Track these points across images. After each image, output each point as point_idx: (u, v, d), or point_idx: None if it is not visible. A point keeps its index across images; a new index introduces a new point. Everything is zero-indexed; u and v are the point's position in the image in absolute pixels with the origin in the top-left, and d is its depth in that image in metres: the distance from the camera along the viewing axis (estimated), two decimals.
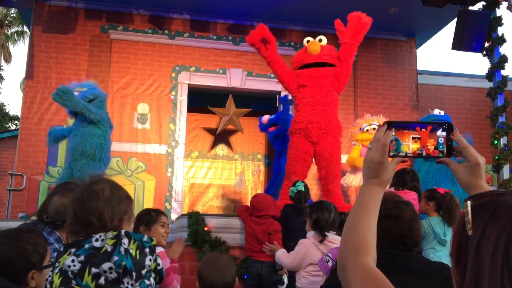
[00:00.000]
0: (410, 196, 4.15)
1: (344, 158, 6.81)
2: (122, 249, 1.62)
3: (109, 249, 1.61)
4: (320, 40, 5.91)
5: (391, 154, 1.20)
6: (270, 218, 5.03)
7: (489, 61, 8.07)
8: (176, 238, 3.71)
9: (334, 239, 3.66)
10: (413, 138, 1.21)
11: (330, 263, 2.73)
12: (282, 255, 4.18)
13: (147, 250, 1.69)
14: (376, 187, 1.18)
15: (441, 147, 1.21)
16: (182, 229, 5.73)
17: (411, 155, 1.21)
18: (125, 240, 1.65)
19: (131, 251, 1.64)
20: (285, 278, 4.76)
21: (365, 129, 7.66)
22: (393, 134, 1.20)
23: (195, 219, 5.56)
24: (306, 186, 5.21)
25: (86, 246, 1.64)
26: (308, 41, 5.95)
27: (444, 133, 1.22)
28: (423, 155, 1.21)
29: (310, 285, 3.73)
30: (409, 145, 1.20)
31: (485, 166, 1.24)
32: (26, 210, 8.00)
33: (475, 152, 1.23)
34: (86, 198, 1.71)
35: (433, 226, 4.22)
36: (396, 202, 1.97)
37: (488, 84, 8.20)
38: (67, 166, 6.21)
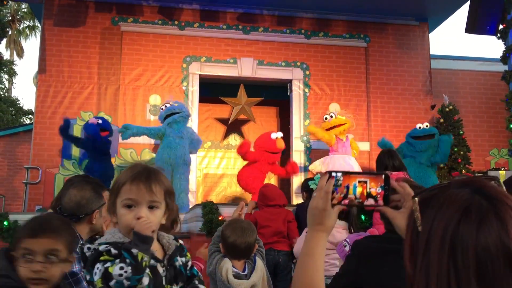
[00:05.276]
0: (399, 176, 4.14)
1: None
2: None
3: None
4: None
5: (336, 203, 1.21)
6: (282, 207, 5.05)
7: (504, 43, 7.95)
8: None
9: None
10: (359, 181, 1.22)
11: (347, 248, 2.74)
12: (297, 247, 4.02)
13: None
14: (320, 234, 1.22)
15: (375, 196, 1.21)
16: (196, 219, 5.77)
17: (355, 203, 1.22)
18: None
19: None
20: None
21: (325, 118, 8.07)
22: (341, 179, 1.20)
23: (209, 209, 5.60)
24: None
25: None
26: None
27: (382, 184, 1.22)
28: (363, 204, 1.22)
29: None
30: (355, 190, 1.21)
31: None
32: (42, 203, 8.09)
33: None
34: None
35: None
36: None
37: (503, 67, 8.09)
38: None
